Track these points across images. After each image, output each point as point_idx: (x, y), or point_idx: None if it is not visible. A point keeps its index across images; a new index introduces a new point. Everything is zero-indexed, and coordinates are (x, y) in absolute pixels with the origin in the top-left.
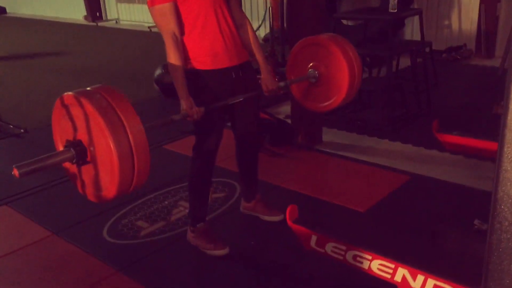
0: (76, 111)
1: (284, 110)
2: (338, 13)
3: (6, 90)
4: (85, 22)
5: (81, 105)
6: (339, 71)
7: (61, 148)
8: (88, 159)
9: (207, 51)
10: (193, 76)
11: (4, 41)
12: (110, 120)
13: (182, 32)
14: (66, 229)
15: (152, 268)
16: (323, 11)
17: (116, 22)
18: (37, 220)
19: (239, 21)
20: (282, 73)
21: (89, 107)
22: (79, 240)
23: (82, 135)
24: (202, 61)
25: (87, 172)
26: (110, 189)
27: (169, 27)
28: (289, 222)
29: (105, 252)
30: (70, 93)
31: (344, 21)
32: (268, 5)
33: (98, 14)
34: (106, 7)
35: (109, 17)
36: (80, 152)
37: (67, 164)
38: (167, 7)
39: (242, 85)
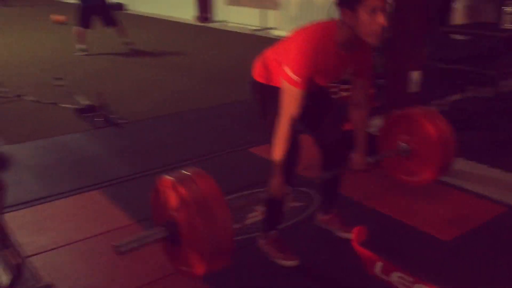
0: (172, 194)
1: (375, 122)
2: (447, 26)
3: (121, 84)
4: (195, 22)
5: (176, 191)
6: (432, 149)
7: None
8: (180, 239)
9: None
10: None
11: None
12: (201, 209)
13: None
14: (148, 219)
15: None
16: (430, 21)
17: (223, 24)
18: (123, 207)
19: (357, 101)
20: (380, 85)
21: (183, 193)
22: None
23: (177, 217)
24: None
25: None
26: (198, 267)
27: (292, 110)
28: (354, 244)
29: None
30: (168, 177)
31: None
32: None
33: (207, 15)
34: (215, 9)
35: (217, 19)
36: (173, 232)
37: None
38: (300, 93)
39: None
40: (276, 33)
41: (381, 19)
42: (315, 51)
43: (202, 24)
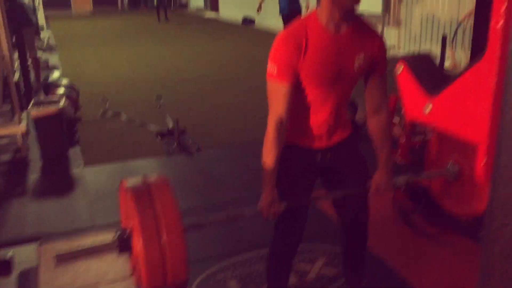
0: (127, 202)
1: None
2: None
3: (216, 107)
4: None
5: (128, 199)
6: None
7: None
8: (131, 248)
9: (300, 129)
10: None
11: (249, 53)
12: (146, 221)
13: (289, 116)
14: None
15: None
16: None
17: None
18: None
19: (375, 105)
20: None
21: (132, 204)
22: None
23: (130, 224)
24: (289, 135)
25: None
26: (144, 283)
27: (277, 109)
28: None
29: None
30: (126, 183)
31: None
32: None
33: None
34: None
35: None
36: (122, 240)
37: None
38: (282, 87)
39: (332, 168)
40: (397, 52)
41: None
42: (293, 33)
43: None
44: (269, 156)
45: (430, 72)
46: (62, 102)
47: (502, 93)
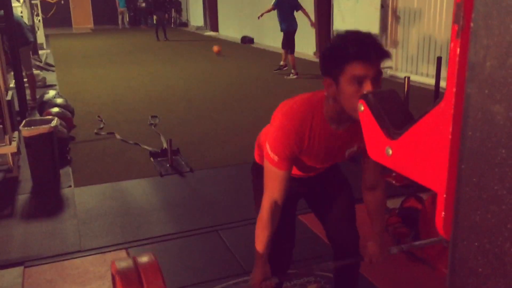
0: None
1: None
2: None
3: (210, 127)
4: (313, 59)
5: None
6: None
7: None
8: None
9: None
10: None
11: (249, 69)
12: None
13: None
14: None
15: None
16: None
17: None
18: None
19: (370, 183)
20: None
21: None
22: None
23: None
24: None
25: None
26: None
27: (273, 192)
28: None
29: None
30: (115, 266)
31: None
32: None
33: None
34: None
35: None
36: None
37: None
38: (281, 173)
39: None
40: (393, 73)
41: (369, 90)
42: (297, 127)
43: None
44: (261, 236)
45: (395, 110)
46: (54, 122)
47: (458, 141)
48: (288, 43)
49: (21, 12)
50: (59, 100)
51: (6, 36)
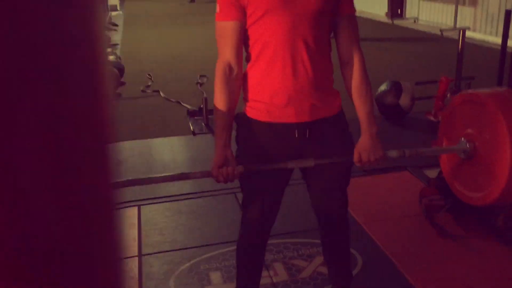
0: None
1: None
2: None
3: None
4: (385, 19)
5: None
6: (499, 150)
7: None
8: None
9: (266, 96)
10: (244, 123)
11: None
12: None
13: (240, 62)
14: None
15: None
16: None
17: (415, 21)
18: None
19: (345, 54)
20: None
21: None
22: None
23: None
24: (257, 107)
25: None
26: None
27: (224, 52)
28: None
29: None
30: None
31: None
32: None
33: (399, 11)
34: (407, 4)
35: (408, 15)
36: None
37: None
38: (228, 26)
39: (312, 147)
40: (471, 34)
41: None
42: None
43: (392, 21)
44: (219, 112)
45: None
46: None
47: None
48: None
49: None
50: (110, 57)
51: None
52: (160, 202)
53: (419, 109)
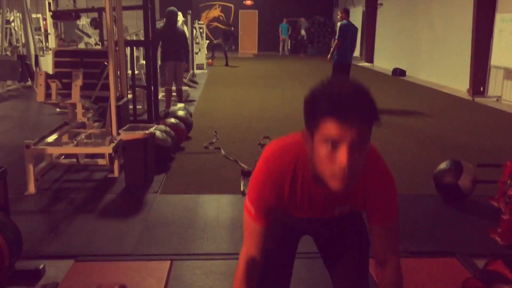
0: None
1: None
2: None
3: None
4: (465, 96)
5: None
6: None
7: None
8: None
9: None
10: None
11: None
12: None
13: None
14: None
15: None
16: None
17: (497, 100)
18: None
19: (378, 256)
20: None
21: None
22: None
23: None
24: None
25: None
26: None
27: (250, 245)
28: None
29: None
30: None
31: None
32: None
33: (481, 88)
34: (490, 81)
35: (490, 93)
36: None
37: None
38: (257, 229)
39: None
40: None
41: (342, 158)
42: (275, 178)
43: (473, 98)
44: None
45: None
46: (151, 129)
47: None
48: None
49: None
50: (180, 113)
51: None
52: (193, 260)
53: (484, 192)
